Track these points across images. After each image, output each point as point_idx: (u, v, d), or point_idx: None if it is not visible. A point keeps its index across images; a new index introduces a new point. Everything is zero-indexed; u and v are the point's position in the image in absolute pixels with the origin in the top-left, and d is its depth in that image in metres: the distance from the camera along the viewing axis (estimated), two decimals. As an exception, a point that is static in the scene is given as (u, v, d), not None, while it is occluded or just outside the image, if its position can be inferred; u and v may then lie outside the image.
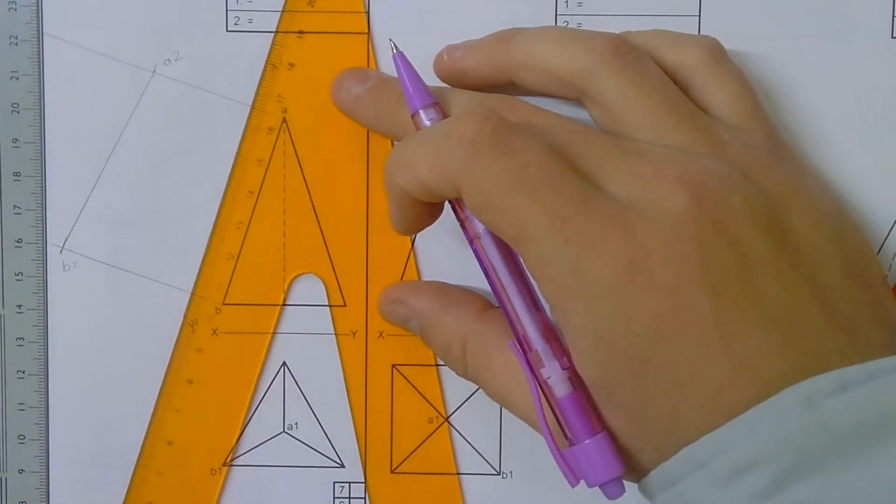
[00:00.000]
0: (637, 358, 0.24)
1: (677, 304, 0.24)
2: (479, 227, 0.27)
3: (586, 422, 0.25)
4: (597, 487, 0.26)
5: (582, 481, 0.26)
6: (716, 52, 0.29)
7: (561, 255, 0.24)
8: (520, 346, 0.27)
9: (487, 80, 0.29)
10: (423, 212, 0.28)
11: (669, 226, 0.24)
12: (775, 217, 0.25)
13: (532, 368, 0.26)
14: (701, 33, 0.31)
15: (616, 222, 0.24)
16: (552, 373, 0.26)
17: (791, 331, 0.24)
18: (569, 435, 0.26)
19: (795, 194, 0.26)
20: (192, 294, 0.32)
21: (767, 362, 0.23)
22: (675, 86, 0.28)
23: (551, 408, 0.26)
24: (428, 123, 0.28)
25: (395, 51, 0.28)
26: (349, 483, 0.32)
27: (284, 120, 0.31)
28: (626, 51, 0.27)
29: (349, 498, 0.32)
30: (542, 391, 0.26)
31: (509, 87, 0.29)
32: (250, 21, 0.31)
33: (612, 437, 0.25)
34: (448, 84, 0.30)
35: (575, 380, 0.26)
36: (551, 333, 0.26)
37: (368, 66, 0.31)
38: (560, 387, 0.26)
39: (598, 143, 0.26)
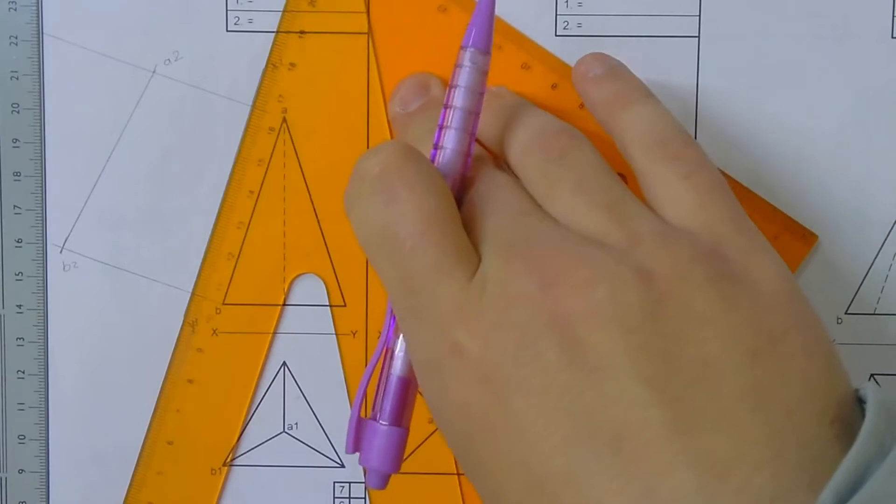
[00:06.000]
0: (458, 432, 0.23)
1: (491, 400, 0.22)
2: None
3: (398, 411, 0.25)
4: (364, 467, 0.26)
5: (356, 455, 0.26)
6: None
7: (405, 322, 0.24)
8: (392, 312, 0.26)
9: None
10: None
11: (502, 311, 0.22)
12: (658, 319, 0.22)
13: (390, 333, 0.26)
14: (701, 38, 0.31)
15: (454, 304, 0.23)
16: (403, 351, 0.25)
17: (623, 459, 0.21)
18: (377, 410, 0.26)
19: (707, 303, 0.22)
20: (192, 294, 0.32)
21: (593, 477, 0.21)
22: (604, 171, 0.25)
23: (380, 377, 0.26)
24: (466, 65, 0.26)
25: None
26: (349, 483, 0.32)
27: (285, 120, 0.31)
28: (557, 139, 0.26)
29: (349, 498, 0.32)
30: (383, 359, 0.26)
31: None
32: (250, 21, 0.31)
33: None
34: None
35: (413, 371, 0.25)
36: None
37: (368, 66, 0.31)
38: (400, 366, 0.25)
39: (504, 210, 0.25)
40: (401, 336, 0.25)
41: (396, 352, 0.26)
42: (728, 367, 0.21)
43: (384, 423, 0.25)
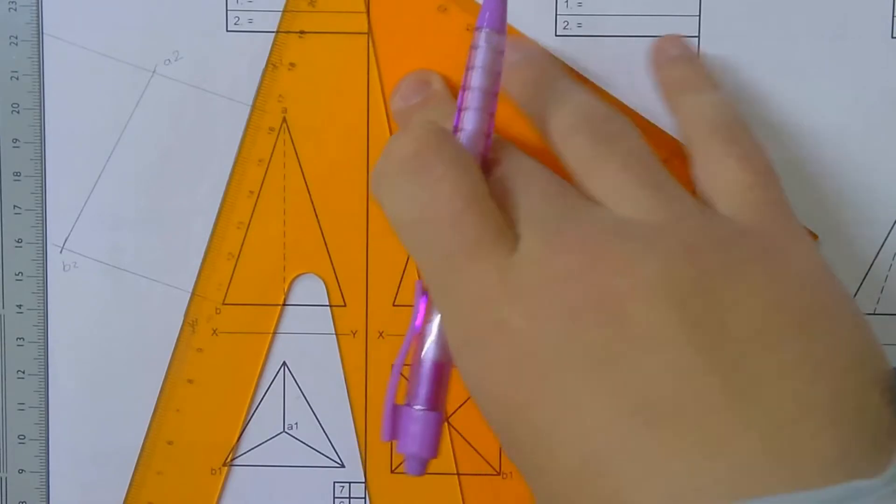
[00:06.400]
0: (500, 409, 0.23)
1: (537, 378, 0.22)
2: None
3: (433, 395, 0.25)
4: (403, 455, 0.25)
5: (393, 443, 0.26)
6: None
7: (444, 301, 0.24)
8: (422, 292, 0.26)
9: None
10: None
11: (547, 288, 0.22)
12: (704, 294, 0.22)
13: (423, 316, 0.26)
14: (701, 38, 0.31)
15: (496, 280, 0.23)
16: (436, 335, 0.25)
17: (678, 428, 0.20)
18: (411, 395, 0.25)
19: (753, 276, 0.23)
20: (192, 294, 0.32)
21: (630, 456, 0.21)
22: (650, 154, 0.26)
23: (412, 363, 0.26)
24: (482, 46, 0.26)
25: None
26: (349, 483, 0.32)
27: (285, 120, 0.31)
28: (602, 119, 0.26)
29: (349, 498, 0.32)
30: (416, 343, 0.26)
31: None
32: (250, 21, 0.31)
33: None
34: None
35: (447, 355, 0.25)
36: None
37: (368, 66, 0.31)
38: (434, 350, 0.25)
39: (538, 190, 0.25)
40: (433, 320, 0.25)
41: (428, 336, 0.25)
42: (780, 335, 0.22)
43: (420, 408, 0.25)
